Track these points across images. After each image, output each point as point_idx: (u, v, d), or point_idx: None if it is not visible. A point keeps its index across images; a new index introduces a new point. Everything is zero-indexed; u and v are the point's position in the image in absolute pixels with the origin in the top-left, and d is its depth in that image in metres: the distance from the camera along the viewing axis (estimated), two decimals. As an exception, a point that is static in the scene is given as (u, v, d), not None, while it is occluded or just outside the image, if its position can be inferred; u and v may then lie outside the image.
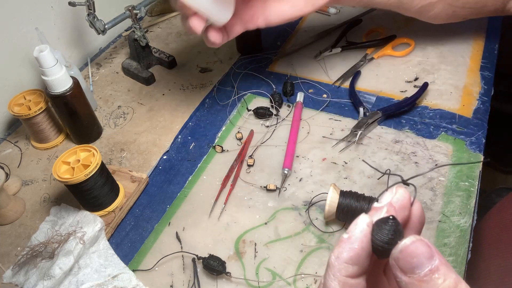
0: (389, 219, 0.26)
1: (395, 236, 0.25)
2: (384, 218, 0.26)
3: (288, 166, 0.59)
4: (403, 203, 0.28)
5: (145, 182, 0.61)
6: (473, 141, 0.60)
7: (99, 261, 0.52)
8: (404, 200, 0.28)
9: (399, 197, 0.28)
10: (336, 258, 0.27)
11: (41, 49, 0.56)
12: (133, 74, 0.79)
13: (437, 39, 0.76)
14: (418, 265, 0.24)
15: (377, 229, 0.26)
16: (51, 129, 0.67)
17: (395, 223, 0.25)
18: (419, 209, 0.29)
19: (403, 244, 0.24)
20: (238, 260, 0.51)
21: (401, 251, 0.24)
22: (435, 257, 0.24)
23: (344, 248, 0.26)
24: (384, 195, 0.29)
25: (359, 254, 0.26)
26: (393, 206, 0.28)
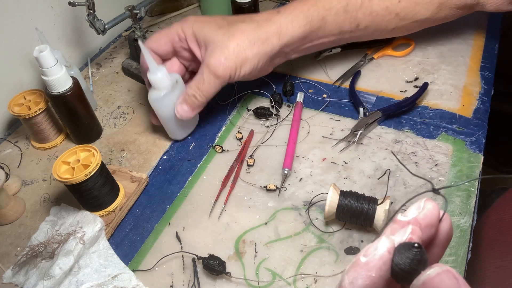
0: (413, 247, 0.23)
1: (418, 266, 0.23)
2: (408, 244, 0.23)
3: (288, 166, 0.59)
4: (431, 220, 0.25)
5: (145, 182, 0.61)
6: (473, 141, 0.60)
7: (99, 261, 0.52)
8: (433, 217, 0.25)
9: (427, 213, 0.25)
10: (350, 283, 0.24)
11: (41, 49, 0.56)
12: (133, 74, 0.79)
13: (437, 39, 0.76)
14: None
15: (398, 255, 0.23)
16: (51, 129, 0.67)
17: (420, 252, 0.23)
18: (447, 225, 0.26)
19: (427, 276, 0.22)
20: (238, 260, 0.51)
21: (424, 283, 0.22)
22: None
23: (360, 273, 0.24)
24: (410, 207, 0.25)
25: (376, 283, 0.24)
26: (419, 223, 0.25)
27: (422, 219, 0.25)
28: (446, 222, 0.26)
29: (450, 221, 0.26)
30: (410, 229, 0.24)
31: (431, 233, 0.26)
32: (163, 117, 0.61)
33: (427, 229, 0.25)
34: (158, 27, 0.92)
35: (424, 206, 0.25)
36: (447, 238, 0.27)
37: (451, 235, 0.27)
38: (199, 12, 0.94)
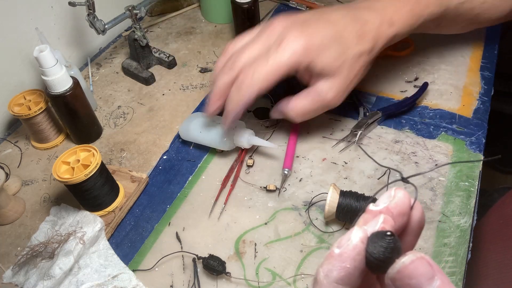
0: (386, 235, 0.23)
1: (392, 254, 0.23)
2: (381, 233, 0.23)
3: (288, 166, 0.59)
4: (402, 208, 0.25)
5: (145, 182, 0.61)
6: (473, 141, 0.60)
7: (99, 261, 0.52)
8: (404, 205, 0.25)
9: (398, 201, 0.25)
10: (325, 276, 0.24)
11: (41, 49, 0.56)
12: (133, 74, 0.79)
13: (437, 39, 0.76)
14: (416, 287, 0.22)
15: (371, 244, 0.23)
16: (51, 129, 0.67)
17: (393, 240, 0.23)
18: (419, 213, 0.26)
19: (401, 264, 0.22)
20: (238, 260, 0.51)
21: (399, 271, 0.22)
22: (435, 277, 0.22)
23: (335, 265, 0.24)
24: (381, 197, 0.26)
25: (351, 273, 0.24)
26: (391, 212, 0.25)
27: (394, 207, 0.25)
28: (417, 209, 0.26)
29: (421, 208, 0.26)
30: (382, 218, 0.24)
31: (403, 221, 0.26)
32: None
33: (399, 218, 0.25)
34: (158, 27, 0.92)
35: (394, 195, 0.25)
36: (419, 226, 0.27)
37: (423, 223, 0.27)
38: (199, 12, 0.94)
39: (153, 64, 0.82)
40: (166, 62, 0.80)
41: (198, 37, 0.87)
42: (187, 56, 0.83)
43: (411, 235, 0.27)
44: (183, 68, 0.80)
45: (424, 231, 0.51)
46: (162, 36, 0.89)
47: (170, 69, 0.80)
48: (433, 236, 0.51)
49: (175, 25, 0.92)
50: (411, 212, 0.26)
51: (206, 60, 0.81)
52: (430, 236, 0.51)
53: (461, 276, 0.47)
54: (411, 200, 0.26)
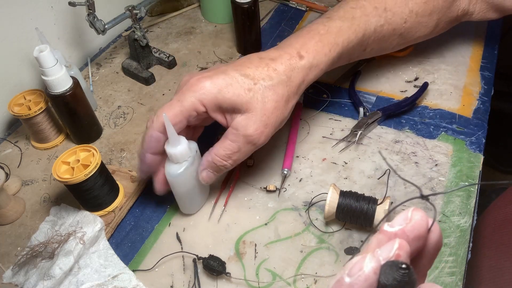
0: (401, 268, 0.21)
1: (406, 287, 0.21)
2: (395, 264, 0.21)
3: (288, 166, 0.59)
4: (420, 232, 0.23)
5: (145, 182, 0.61)
6: (473, 141, 0.60)
7: (99, 261, 0.52)
8: (421, 229, 0.23)
9: (415, 224, 0.23)
10: None
11: (41, 49, 0.56)
12: (133, 74, 0.79)
13: (437, 39, 0.76)
14: None
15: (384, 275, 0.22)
16: (51, 129, 0.67)
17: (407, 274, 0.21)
18: (436, 235, 0.24)
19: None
20: (238, 260, 0.52)
21: None
22: None
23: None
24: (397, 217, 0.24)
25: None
26: (406, 235, 0.23)
27: (410, 231, 0.23)
28: (435, 232, 0.24)
29: (439, 231, 0.25)
30: (397, 244, 0.22)
31: (420, 245, 0.24)
32: (180, 192, 0.53)
33: (415, 242, 0.23)
34: (158, 27, 0.92)
35: (411, 217, 0.23)
36: (435, 249, 0.25)
37: (440, 246, 0.25)
38: (199, 12, 0.94)
39: (153, 64, 0.82)
40: (166, 62, 0.80)
41: (198, 37, 0.87)
42: (187, 56, 0.83)
43: (426, 259, 0.25)
44: (183, 68, 0.80)
45: (424, 231, 0.51)
46: (162, 36, 0.89)
47: (170, 69, 0.80)
48: (433, 236, 0.51)
49: (175, 25, 0.92)
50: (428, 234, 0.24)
51: (206, 60, 0.81)
52: (430, 236, 0.51)
53: (461, 276, 0.47)
54: (429, 222, 0.24)
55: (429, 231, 0.24)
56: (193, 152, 0.51)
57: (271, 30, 0.86)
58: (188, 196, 0.54)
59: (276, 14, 0.90)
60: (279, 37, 0.84)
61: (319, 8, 0.88)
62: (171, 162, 0.50)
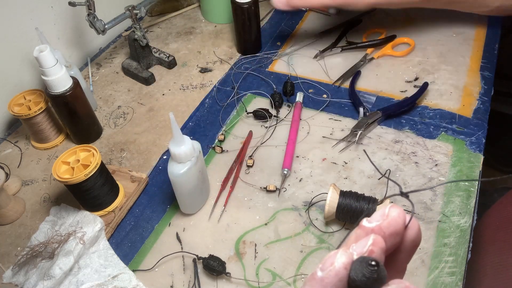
0: (370, 264, 0.22)
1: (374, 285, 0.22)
2: (365, 260, 0.22)
3: (288, 166, 0.59)
4: (396, 228, 0.24)
5: (145, 182, 0.61)
6: (473, 141, 0.60)
7: (99, 261, 0.52)
8: (397, 225, 0.24)
9: (391, 222, 0.24)
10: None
11: (41, 49, 0.56)
12: (133, 74, 0.79)
13: (437, 39, 0.76)
14: None
15: (354, 272, 0.22)
16: (51, 129, 0.67)
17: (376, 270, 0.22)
18: (414, 232, 0.25)
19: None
20: (238, 260, 0.51)
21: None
22: None
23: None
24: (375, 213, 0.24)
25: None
26: (383, 231, 0.24)
27: (386, 227, 0.24)
28: (413, 229, 0.25)
29: (417, 227, 0.25)
30: (371, 241, 0.23)
31: (396, 241, 0.24)
32: (182, 192, 0.53)
33: (391, 238, 0.24)
34: (158, 27, 0.92)
35: (388, 214, 0.24)
36: (413, 244, 0.25)
37: (419, 241, 0.26)
38: (199, 12, 0.94)
39: (153, 64, 0.82)
40: (166, 62, 0.80)
41: (198, 37, 0.87)
42: (187, 56, 0.83)
43: (404, 253, 0.26)
44: (183, 68, 0.80)
45: (424, 231, 0.51)
46: (162, 36, 0.89)
47: (170, 69, 0.80)
48: (433, 236, 0.51)
49: (175, 25, 0.92)
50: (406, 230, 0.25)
51: (206, 60, 0.81)
52: (430, 236, 0.51)
53: (461, 276, 0.47)
54: (406, 218, 0.24)
55: (406, 227, 0.25)
56: (196, 152, 0.51)
57: (271, 30, 0.86)
58: (190, 195, 0.54)
59: (276, 14, 0.90)
60: (279, 37, 0.84)
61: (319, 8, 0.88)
62: (174, 161, 0.50)
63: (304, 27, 0.85)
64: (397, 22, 0.81)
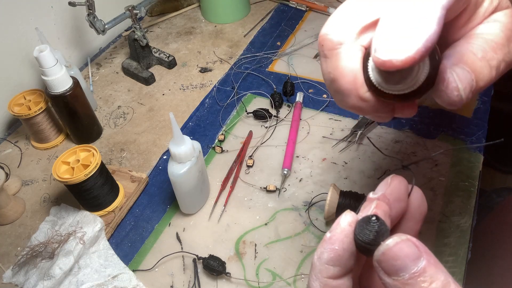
0: (371, 219, 0.24)
1: (377, 237, 0.23)
2: (367, 217, 0.24)
3: (288, 166, 0.59)
4: (399, 195, 0.26)
5: (145, 182, 0.61)
6: (473, 141, 0.60)
7: (99, 261, 0.52)
8: (400, 191, 0.26)
9: (394, 188, 0.26)
10: (318, 258, 0.25)
11: (41, 49, 0.56)
12: (133, 74, 0.79)
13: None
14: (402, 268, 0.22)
15: (359, 229, 0.24)
16: (51, 129, 0.67)
17: (378, 223, 0.23)
18: (418, 198, 0.27)
19: (385, 246, 0.23)
20: (238, 260, 0.51)
21: (383, 254, 0.23)
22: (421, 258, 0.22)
23: (325, 248, 0.25)
24: (379, 185, 0.26)
25: (340, 255, 0.25)
26: (387, 198, 0.26)
27: (390, 194, 0.26)
28: (416, 195, 0.27)
29: (420, 194, 0.27)
30: (374, 204, 0.25)
31: (401, 207, 0.26)
32: (182, 192, 0.53)
33: (396, 204, 0.26)
34: (158, 27, 0.92)
35: (390, 182, 0.26)
36: (419, 211, 0.27)
37: (424, 208, 0.27)
38: (199, 12, 0.94)
39: (153, 64, 0.82)
40: (166, 62, 0.80)
41: (198, 37, 0.87)
42: (187, 56, 0.83)
43: (412, 221, 0.27)
44: (183, 68, 0.80)
45: (424, 231, 0.51)
46: (162, 36, 0.89)
47: (170, 69, 0.80)
48: (433, 236, 0.51)
49: (175, 25, 0.92)
50: (409, 198, 0.27)
51: (206, 60, 0.81)
52: (430, 236, 0.51)
53: (461, 276, 0.47)
54: (408, 186, 0.27)
55: (409, 195, 0.27)
56: (196, 152, 0.51)
57: (271, 30, 0.86)
58: (190, 195, 0.54)
59: (276, 14, 0.90)
60: (279, 37, 0.84)
61: (319, 8, 0.88)
62: (174, 161, 0.50)
63: (304, 27, 0.85)
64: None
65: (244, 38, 0.85)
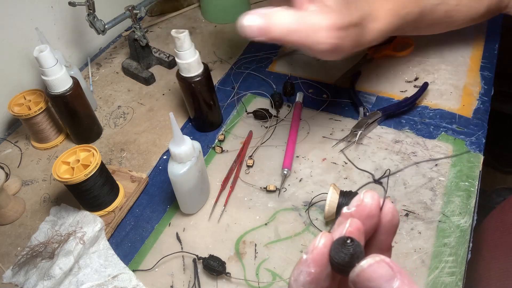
0: (346, 242, 0.24)
1: (352, 260, 0.24)
2: (342, 239, 0.24)
3: (288, 166, 0.59)
4: (371, 210, 0.26)
5: (145, 182, 0.61)
6: (473, 141, 0.60)
7: (99, 261, 0.52)
8: (372, 208, 0.26)
9: (366, 204, 0.26)
10: (294, 280, 0.25)
11: (41, 49, 0.56)
12: (133, 74, 0.79)
13: (437, 39, 0.76)
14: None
15: (334, 251, 0.24)
16: (51, 129, 0.67)
17: (353, 246, 0.24)
18: (389, 213, 0.27)
19: (359, 268, 0.23)
20: (238, 260, 0.51)
21: (358, 275, 0.23)
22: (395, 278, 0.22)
23: (302, 270, 0.25)
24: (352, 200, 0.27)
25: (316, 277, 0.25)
26: (359, 214, 0.26)
27: (362, 210, 0.26)
28: (388, 210, 0.27)
29: (392, 208, 0.27)
30: (348, 223, 0.25)
31: (373, 222, 0.27)
32: (182, 192, 0.53)
33: (368, 220, 0.26)
34: (158, 27, 0.92)
35: (363, 198, 0.26)
36: (391, 225, 0.28)
37: (396, 222, 0.28)
38: (199, 12, 0.94)
39: (153, 64, 0.82)
40: (166, 62, 0.80)
41: (198, 37, 0.87)
42: (187, 56, 0.83)
43: (385, 234, 0.28)
44: (183, 68, 0.80)
45: (424, 231, 0.51)
46: (162, 36, 0.89)
47: (170, 69, 0.80)
48: (433, 236, 0.51)
49: (175, 25, 0.92)
50: (381, 212, 0.27)
51: (206, 60, 0.81)
52: (430, 236, 0.51)
53: (461, 276, 0.47)
54: (380, 201, 0.27)
55: (381, 209, 0.27)
56: (196, 152, 0.51)
57: (271, 30, 0.86)
58: (190, 195, 0.54)
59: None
60: (279, 37, 0.83)
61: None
62: (174, 162, 0.50)
63: (304, 27, 0.85)
64: (397, 22, 0.81)
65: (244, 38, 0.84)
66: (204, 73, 0.60)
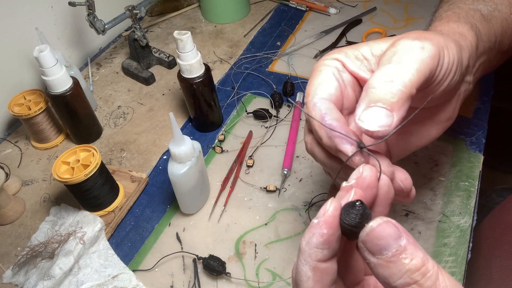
0: (356, 204, 0.26)
1: (362, 220, 0.25)
2: (351, 202, 0.26)
3: (288, 166, 0.59)
4: (370, 181, 0.28)
5: (145, 182, 0.61)
6: (473, 141, 0.60)
7: (99, 261, 0.52)
8: (371, 179, 0.28)
9: (365, 176, 0.28)
10: (307, 243, 0.27)
11: (41, 49, 0.56)
12: (133, 74, 0.79)
13: (437, 39, 0.76)
14: (385, 247, 0.24)
15: (345, 213, 0.26)
16: (51, 129, 0.67)
17: (362, 207, 0.25)
18: (385, 185, 0.29)
19: (370, 227, 0.25)
20: (238, 260, 0.51)
21: (368, 234, 0.25)
22: (402, 237, 0.24)
23: (314, 233, 0.26)
24: (352, 174, 0.28)
25: (328, 238, 0.26)
26: (360, 185, 0.28)
27: (362, 181, 0.28)
28: (384, 182, 0.29)
29: (387, 180, 0.29)
30: (353, 192, 0.27)
31: (373, 193, 0.29)
32: (182, 192, 0.53)
33: (368, 190, 0.28)
34: (158, 27, 0.92)
35: (362, 171, 0.28)
36: (387, 196, 0.30)
37: (391, 194, 0.30)
38: (199, 12, 0.94)
39: (153, 64, 0.82)
40: (166, 62, 0.80)
41: (198, 37, 0.87)
42: (187, 56, 0.83)
43: (381, 206, 0.30)
44: (183, 68, 0.80)
45: (424, 231, 0.51)
46: (162, 36, 0.89)
47: (170, 69, 0.80)
48: (433, 236, 0.50)
49: (175, 25, 0.92)
50: (378, 184, 0.29)
51: (206, 60, 0.81)
52: (430, 236, 0.51)
53: (461, 276, 0.47)
54: (377, 173, 0.29)
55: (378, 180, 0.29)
56: (196, 152, 0.51)
57: (271, 30, 0.86)
58: (190, 195, 0.54)
59: (276, 14, 0.90)
60: (279, 37, 0.84)
61: (319, 8, 0.88)
62: (174, 161, 0.50)
63: (304, 27, 0.85)
64: (397, 22, 0.81)
65: (244, 38, 0.85)
66: (205, 74, 0.60)
